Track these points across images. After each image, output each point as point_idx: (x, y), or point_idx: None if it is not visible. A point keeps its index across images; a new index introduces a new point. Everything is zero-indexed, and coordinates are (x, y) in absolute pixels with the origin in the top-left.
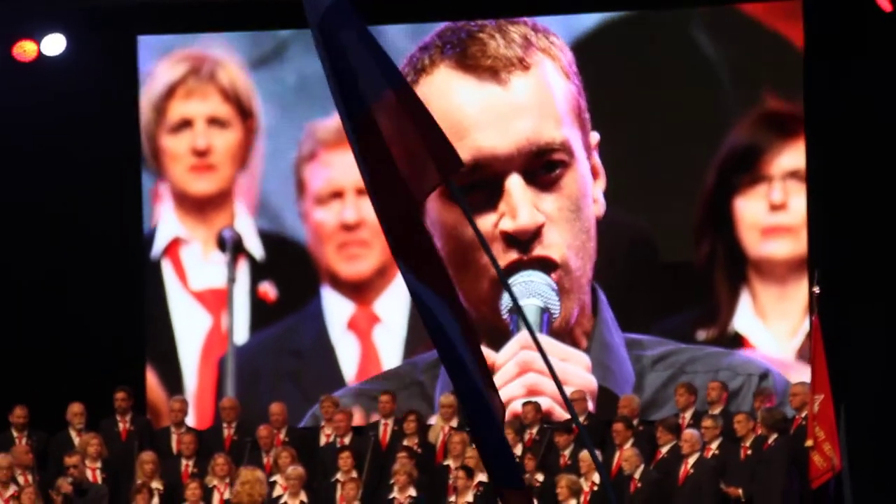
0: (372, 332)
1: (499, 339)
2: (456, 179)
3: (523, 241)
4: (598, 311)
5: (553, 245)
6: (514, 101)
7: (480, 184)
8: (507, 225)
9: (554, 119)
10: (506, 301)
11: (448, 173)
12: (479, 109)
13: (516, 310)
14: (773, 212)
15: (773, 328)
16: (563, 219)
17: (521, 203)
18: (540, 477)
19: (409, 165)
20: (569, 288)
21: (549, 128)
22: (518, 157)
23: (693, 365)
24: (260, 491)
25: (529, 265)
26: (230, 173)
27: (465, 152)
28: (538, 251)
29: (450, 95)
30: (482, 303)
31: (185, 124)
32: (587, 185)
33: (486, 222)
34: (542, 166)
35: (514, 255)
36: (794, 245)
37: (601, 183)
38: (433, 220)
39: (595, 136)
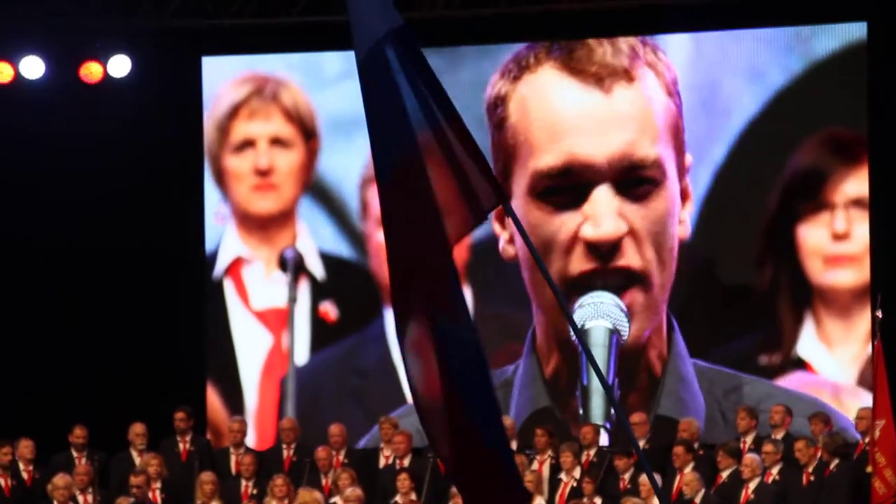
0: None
1: (567, 349)
2: (546, 181)
3: (604, 250)
4: (672, 340)
5: (633, 258)
6: (614, 111)
7: (568, 188)
8: (589, 232)
9: (651, 135)
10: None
11: (498, 203)
12: (578, 114)
13: (578, 338)
14: (837, 241)
15: (837, 354)
16: (647, 232)
17: (605, 213)
18: (598, 501)
19: (454, 198)
20: (645, 305)
21: (646, 144)
22: (610, 169)
23: (768, 401)
24: None
25: (609, 275)
26: (292, 193)
27: (558, 155)
28: (617, 262)
29: (551, 95)
30: (555, 309)
31: (248, 144)
32: (675, 205)
33: (568, 226)
34: (633, 180)
35: (593, 265)
36: (857, 274)
37: (690, 206)
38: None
39: (689, 159)
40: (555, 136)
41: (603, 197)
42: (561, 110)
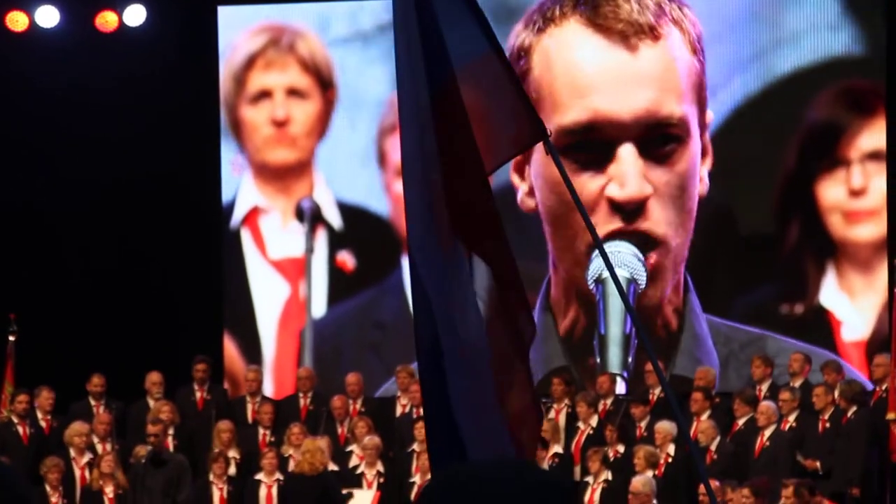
0: None
1: (585, 302)
2: (570, 137)
3: (628, 210)
4: (687, 300)
5: (656, 220)
6: (639, 69)
7: (592, 146)
8: (614, 192)
9: (676, 94)
10: (591, 272)
11: (541, 136)
12: (602, 71)
13: (612, 278)
14: (854, 197)
15: (858, 303)
16: (669, 195)
17: (630, 172)
18: (621, 448)
19: (495, 129)
20: (665, 266)
21: (670, 102)
22: (634, 127)
23: (784, 356)
24: (321, 460)
25: (629, 236)
26: (309, 144)
27: (582, 112)
28: (640, 224)
29: (575, 51)
30: (576, 264)
31: (265, 95)
32: (697, 163)
33: (593, 185)
34: (657, 139)
35: (616, 224)
36: (877, 228)
37: (708, 162)
38: (538, 174)
39: (710, 115)
40: (578, 92)
41: (628, 157)
42: (585, 67)
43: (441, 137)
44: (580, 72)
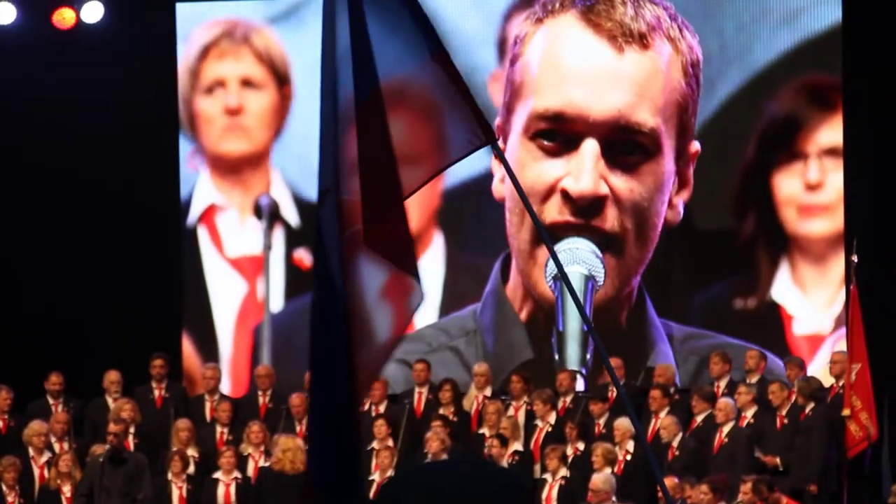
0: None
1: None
2: (540, 123)
3: (581, 205)
4: (645, 311)
5: (612, 221)
6: (621, 70)
7: (560, 135)
8: (570, 185)
9: (652, 104)
10: (550, 269)
11: (490, 140)
12: (584, 65)
13: (562, 278)
14: (810, 191)
15: (811, 298)
16: (630, 204)
17: (588, 169)
18: (581, 445)
19: (441, 132)
20: (616, 271)
21: (644, 110)
22: (603, 126)
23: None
24: (301, 458)
25: (579, 230)
26: (264, 137)
27: (555, 99)
28: (595, 221)
29: (564, 42)
30: (521, 253)
31: (218, 84)
32: (665, 183)
33: (551, 174)
34: (624, 144)
35: (568, 217)
36: (831, 223)
37: (686, 193)
38: (509, 154)
39: (695, 146)
40: (557, 80)
41: (590, 153)
42: (570, 57)
43: (363, 143)
44: (563, 61)
